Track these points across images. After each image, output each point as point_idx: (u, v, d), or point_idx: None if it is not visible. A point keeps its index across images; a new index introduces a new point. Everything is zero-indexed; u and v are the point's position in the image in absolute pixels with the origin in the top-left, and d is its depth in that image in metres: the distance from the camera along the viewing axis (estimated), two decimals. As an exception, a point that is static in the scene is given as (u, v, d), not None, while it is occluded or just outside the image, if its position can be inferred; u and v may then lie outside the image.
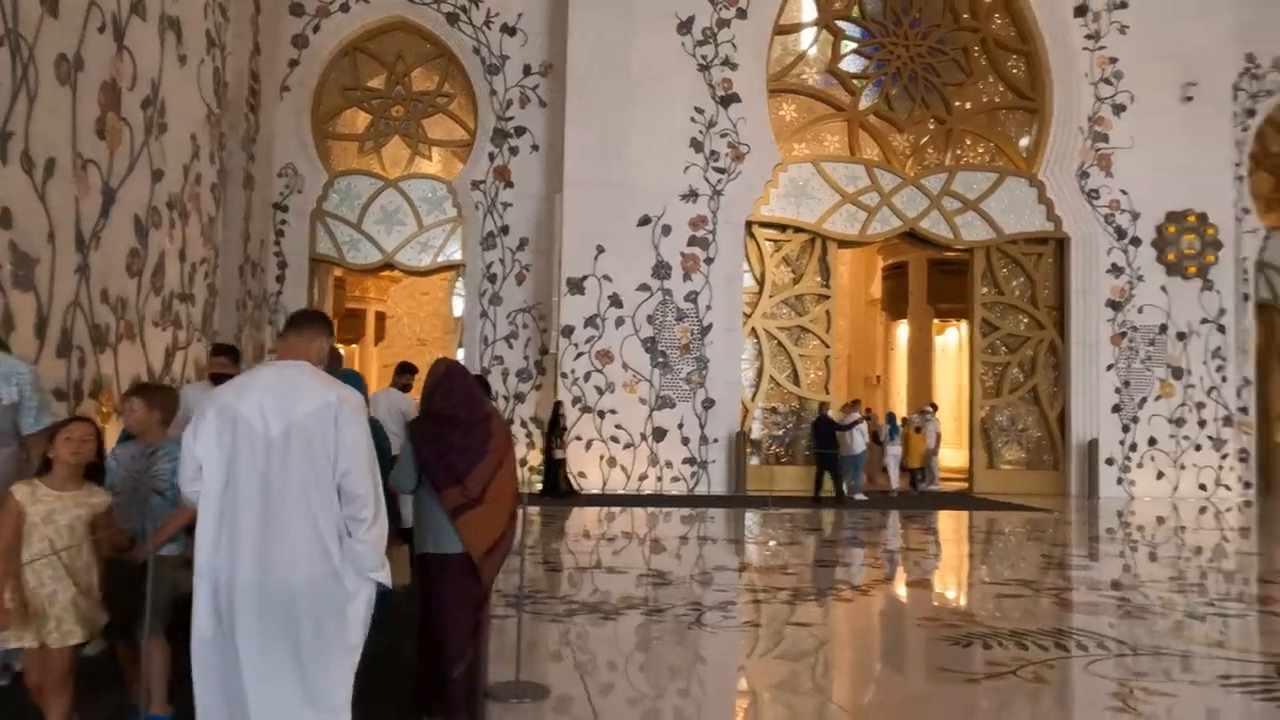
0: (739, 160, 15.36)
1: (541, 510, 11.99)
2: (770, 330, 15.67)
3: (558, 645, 5.24)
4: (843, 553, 9.31)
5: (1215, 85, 16.37)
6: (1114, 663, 4.86)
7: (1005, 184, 16.11)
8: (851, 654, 5.58)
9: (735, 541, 10.28)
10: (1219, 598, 6.94)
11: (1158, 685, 4.49)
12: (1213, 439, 16.03)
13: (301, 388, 2.71)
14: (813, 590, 6.95)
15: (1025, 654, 4.99)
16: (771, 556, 8.87)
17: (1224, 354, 16.13)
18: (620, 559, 8.55)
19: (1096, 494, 15.45)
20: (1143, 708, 4.12)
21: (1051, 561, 8.79)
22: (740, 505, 13.32)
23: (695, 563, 8.49)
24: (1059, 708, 4.22)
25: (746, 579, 7.45)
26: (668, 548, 9.44)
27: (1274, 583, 7.55)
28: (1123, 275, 16.03)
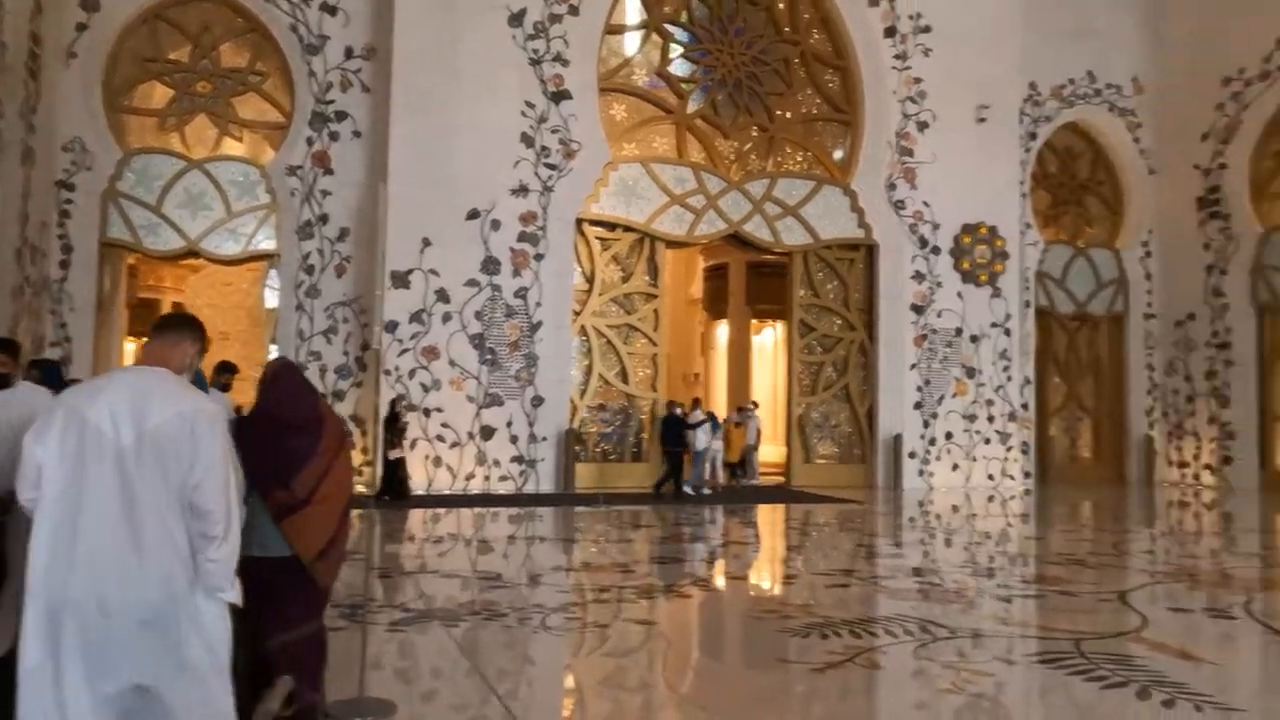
0: (570, 157, 15.31)
1: (370, 513, 11.48)
2: (600, 328, 15.72)
3: (401, 657, 5.01)
4: (677, 549, 9.46)
5: (1004, 109, 17.87)
6: (939, 646, 5.17)
7: (821, 192, 16.92)
8: (698, 651, 5.66)
9: (571, 540, 10.22)
10: (1020, 581, 7.56)
11: (980, 666, 4.80)
12: (999, 433, 17.52)
13: (157, 395, 2.55)
14: (653, 587, 7.00)
15: (860, 642, 5.23)
16: (609, 554, 8.88)
17: (1009, 355, 17.65)
18: (455, 562, 8.32)
19: (900, 485, 16.52)
20: (969, 688, 4.40)
21: (869, 551, 9.30)
22: (570, 503, 13.29)
23: (533, 564, 8.37)
24: (896, 693, 4.43)
25: (585, 578, 7.41)
26: (504, 549, 9.27)
27: (1058, 564, 8.29)
28: (924, 281, 17.21)
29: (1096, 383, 20.05)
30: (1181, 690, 4.31)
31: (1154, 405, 19.69)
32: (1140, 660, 4.86)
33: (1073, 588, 7.13)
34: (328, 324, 14.94)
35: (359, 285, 15.03)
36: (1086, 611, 6.34)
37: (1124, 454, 19.77)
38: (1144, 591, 7.00)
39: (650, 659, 5.15)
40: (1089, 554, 9.00)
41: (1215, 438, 18.55)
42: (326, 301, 14.94)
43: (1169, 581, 7.46)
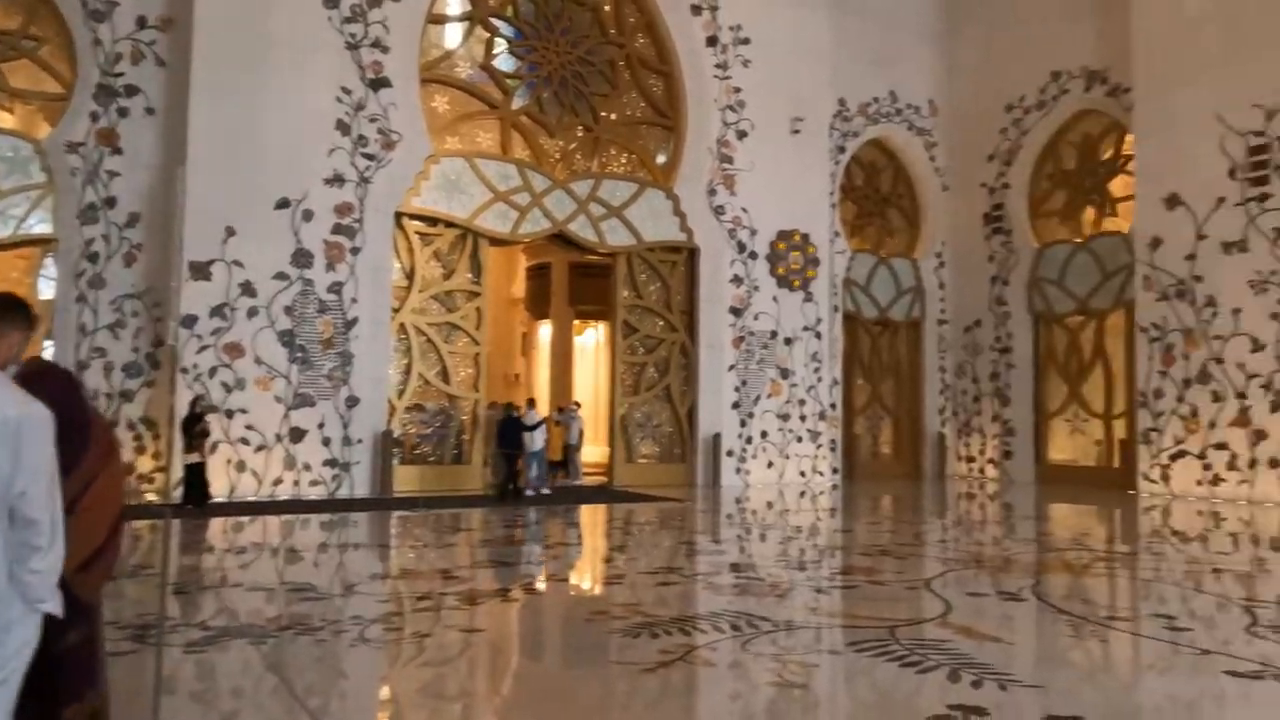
0: (389, 148, 14.73)
1: (165, 523, 10.53)
2: (420, 326, 15.21)
3: (200, 679, 4.56)
4: (501, 552, 9.24)
5: (816, 123, 18.75)
6: (765, 640, 5.27)
7: (645, 194, 17.12)
8: (526, 656, 5.51)
9: (389, 547, 9.79)
10: (834, 572, 7.87)
11: (804, 657, 4.93)
12: (811, 432, 18.34)
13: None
14: (477, 593, 6.78)
15: (688, 639, 5.25)
16: (429, 560, 8.55)
17: (820, 357, 18.52)
18: (262, 574, 7.75)
19: (719, 483, 16.97)
20: (798, 680, 4.49)
21: (692, 548, 9.43)
22: (388, 508, 12.76)
23: (348, 573, 7.92)
24: (726, 689, 4.46)
25: (405, 586, 7.09)
26: (316, 559, 8.74)
27: (868, 555, 8.72)
28: (742, 285, 17.77)
29: (896, 384, 21.39)
30: (987, 670, 4.58)
31: (946, 404, 21.22)
32: (948, 644, 5.13)
33: (882, 577, 7.50)
34: (114, 317, 13.66)
35: (151, 276, 13.82)
36: (897, 599, 6.67)
37: (920, 450, 21.19)
38: (944, 579, 7.45)
39: (474, 667, 4.96)
40: (894, 544, 9.52)
41: (997, 434, 20.21)
42: (113, 293, 13.65)
43: (965, 568, 7.98)
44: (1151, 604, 6.70)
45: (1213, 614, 6.24)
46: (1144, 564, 8.61)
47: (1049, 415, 19.61)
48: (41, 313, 15.24)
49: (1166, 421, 16.34)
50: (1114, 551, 9.49)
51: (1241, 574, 8.02)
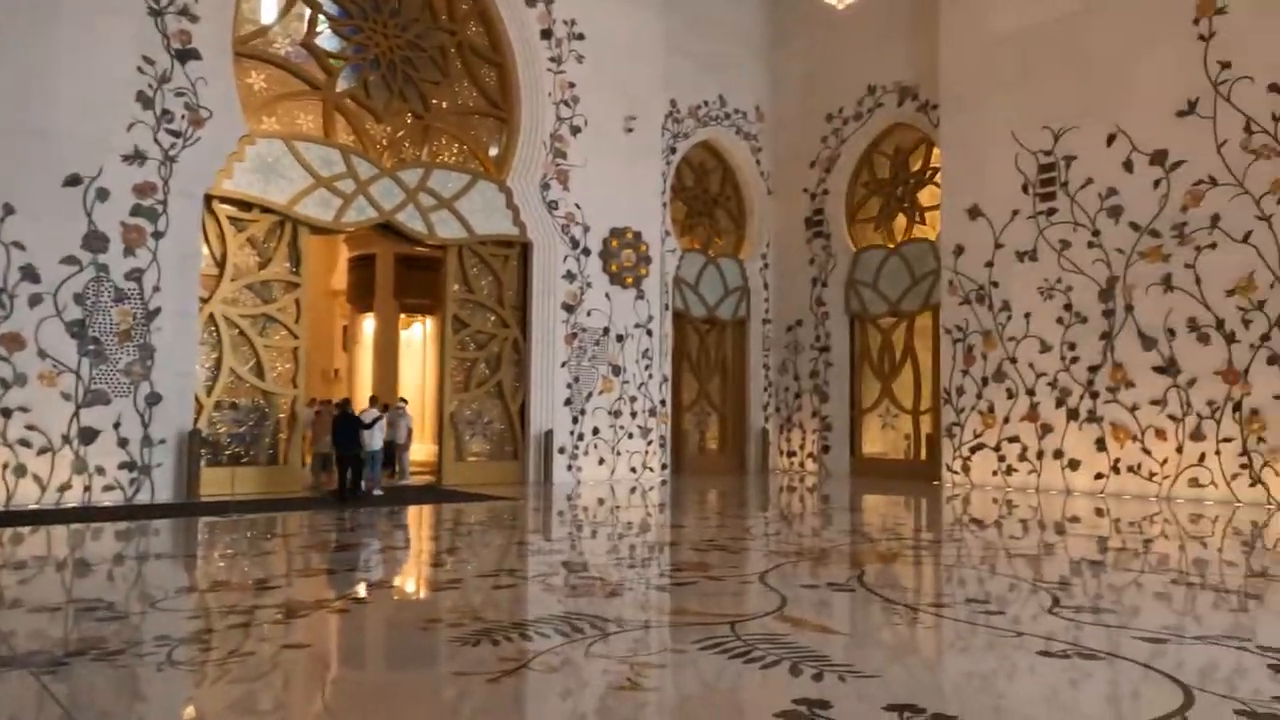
0: (198, 125, 13.67)
1: (-84, 538, 9.28)
2: (232, 318, 14.20)
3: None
4: (325, 559, 8.72)
5: (649, 122, 18.95)
6: (609, 642, 5.19)
7: (477, 186, 16.73)
8: (360, 670, 5.17)
9: (198, 557, 9.04)
10: (673, 569, 7.91)
11: (650, 658, 4.88)
12: (641, 428, 18.52)
13: None
14: (301, 604, 6.33)
15: (531, 645, 5.09)
16: (245, 570, 7.95)
17: (651, 354, 18.73)
18: (46, 591, 6.94)
19: (551, 480, 16.83)
20: (646, 683, 4.43)
21: (529, 549, 9.26)
22: (195, 514, 11.81)
23: (151, 588, 7.24)
24: (578, 695, 4.34)
25: (217, 600, 6.53)
26: (112, 572, 7.93)
27: (704, 550, 8.84)
28: (575, 281, 17.70)
29: (723, 381, 21.97)
30: (826, 663, 4.69)
31: (769, 401, 21.98)
32: (787, 638, 5.23)
33: (717, 572, 7.60)
34: None
35: (-90, 256, 12.20)
36: (733, 595, 6.77)
37: (744, 445, 21.86)
38: (777, 572, 7.64)
39: (297, 684, 4.60)
40: (726, 539, 9.70)
41: (816, 429, 21.13)
42: None
43: (794, 561, 8.22)
44: (969, 589, 7.11)
45: (1022, 597, 6.69)
46: (949, 551, 9.16)
47: (863, 411, 20.69)
48: None
49: (967, 417, 17.58)
50: (925, 540, 10.06)
51: (1034, 557, 8.68)
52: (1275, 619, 6.05)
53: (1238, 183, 14.07)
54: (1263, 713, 3.95)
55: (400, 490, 15.46)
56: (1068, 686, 4.45)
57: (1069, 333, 16.13)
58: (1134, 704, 4.24)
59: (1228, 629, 5.64)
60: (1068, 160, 16.25)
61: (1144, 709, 4.11)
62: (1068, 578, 7.46)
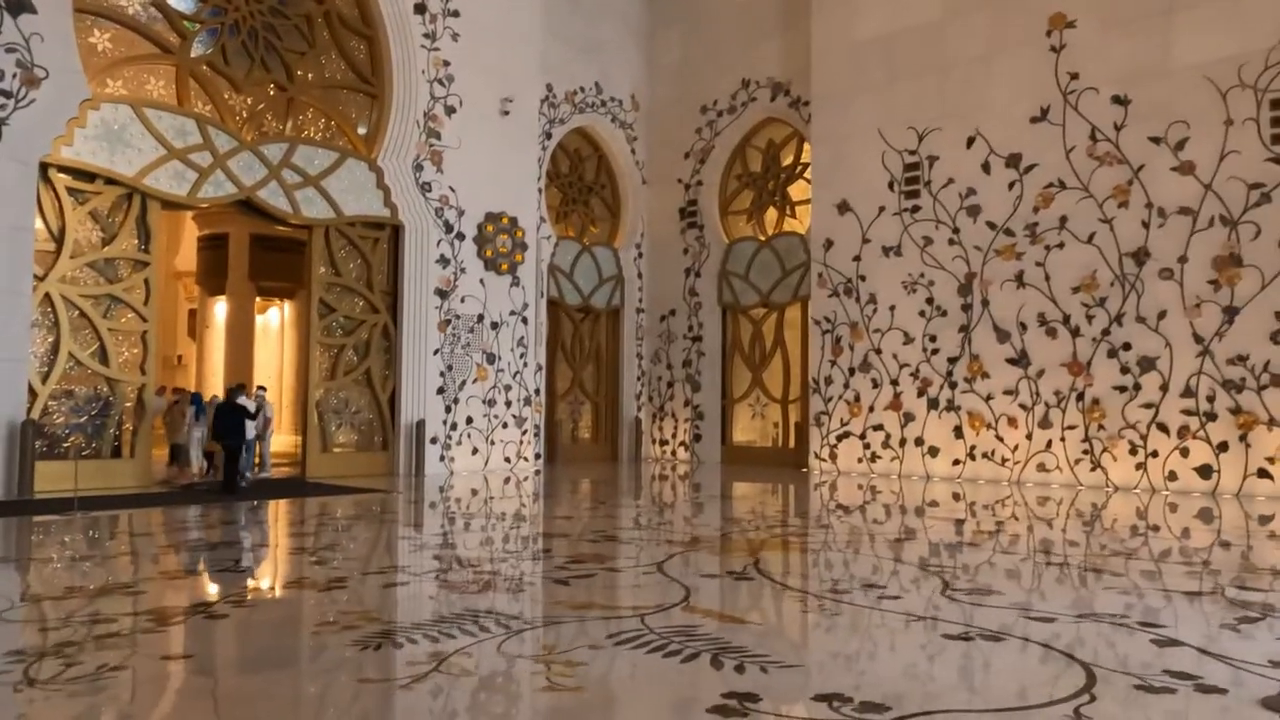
0: (32, 85, 12.43)
1: None
2: (71, 298, 13.02)
3: None
4: (190, 559, 8.09)
5: (525, 105, 18.58)
6: (520, 640, 4.99)
7: (346, 165, 15.96)
8: (255, 682, 4.76)
9: (42, 561, 8.21)
10: (569, 561, 7.74)
11: (568, 655, 4.72)
12: (516, 417, 18.20)
13: None
14: (173, 610, 5.82)
15: (438, 645, 4.84)
16: (101, 575, 7.26)
17: (526, 342, 18.42)
18: None
19: (423, 471, 16.31)
20: (566, 681, 4.27)
21: (412, 543, 8.89)
22: (29, 512, 10.75)
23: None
24: (499, 699, 4.13)
25: (77, 607, 5.93)
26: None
27: (595, 542, 8.72)
28: (449, 266, 17.18)
29: (597, 369, 21.89)
30: (745, 654, 4.65)
31: (642, 390, 22.05)
32: (700, 629, 5.18)
33: (615, 563, 7.50)
34: None
35: None
36: (637, 586, 6.68)
37: (618, 434, 21.87)
38: (672, 561, 7.61)
39: (190, 701, 4.20)
40: (616, 529, 9.61)
41: (689, 418, 21.35)
42: None
43: (687, 550, 8.22)
44: (862, 574, 7.27)
45: (912, 581, 6.89)
46: (835, 537, 9.38)
47: (734, 400, 21.05)
48: None
49: (834, 405, 18.14)
50: (811, 526, 10.28)
51: (914, 541, 9.00)
52: (1118, 595, 6.46)
53: (1083, 187, 15.04)
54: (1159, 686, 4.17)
55: (263, 484, 14.61)
56: (981, 669, 4.58)
57: (930, 325, 16.88)
58: (1050, 684, 4.40)
59: (1108, 606, 5.98)
60: (931, 160, 16.97)
61: (1059, 688, 4.27)
62: (948, 561, 7.75)
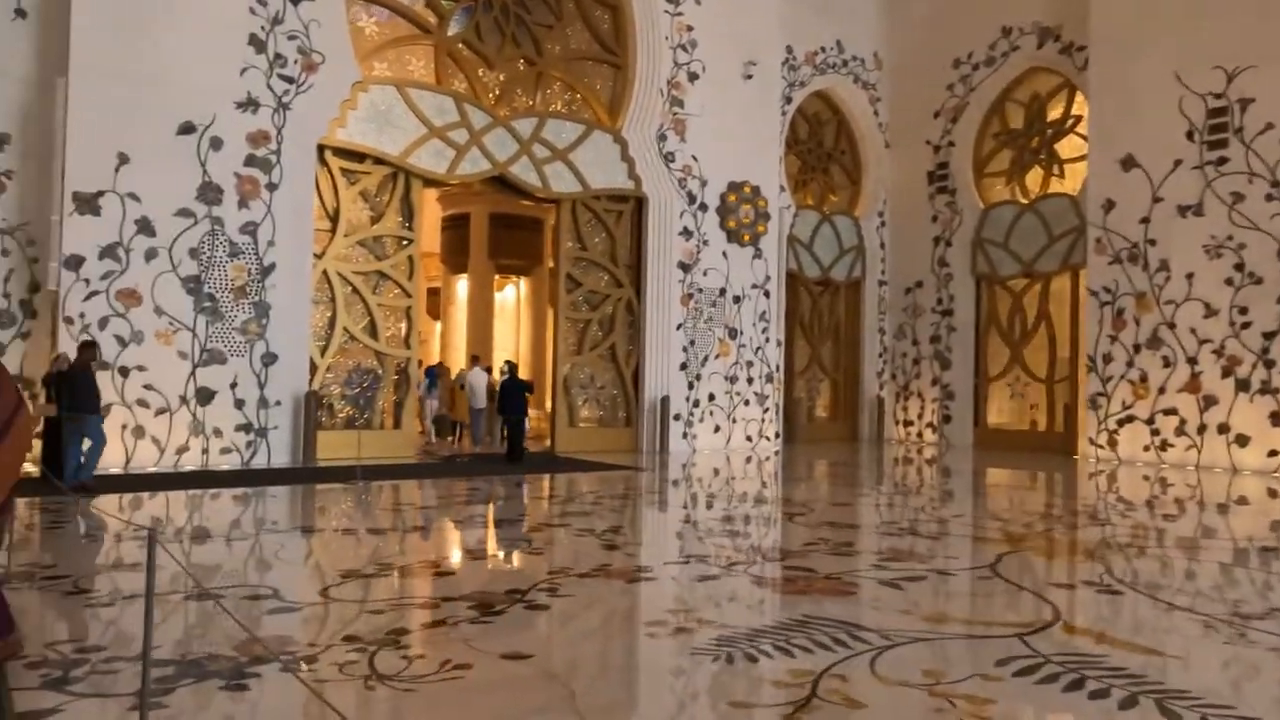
0: (311, 70, 12.94)
1: (43, 503, 8.80)
2: (345, 275, 13.56)
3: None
4: (484, 535, 7.98)
5: (767, 68, 17.71)
6: (889, 660, 4.27)
7: (592, 137, 15.76)
8: (612, 693, 4.33)
9: (378, 531, 8.36)
10: (886, 560, 6.95)
11: (963, 687, 3.94)
12: (757, 394, 17.53)
13: None
14: (493, 598, 5.54)
15: (795, 661, 4.20)
16: (421, 547, 7.23)
17: (768, 317, 17.68)
18: (224, 576, 6.29)
19: (667, 449, 15.97)
20: (982, 711, 3.50)
21: (696, 528, 8.40)
22: (317, 479, 11.20)
23: (329, 569, 6.55)
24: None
25: (387, 590, 5.78)
26: (293, 549, 7.27)
27: (895, 536, 7.86)
28: (692, 238, 16.69)
29: (836, 345, 20.84)
30: (1194, 700, 3.70)
31: (884, 367, 20.79)
32: (1105, 659, 4.26)
33: (936, 564, 6.64)
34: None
35: (26, 209, 11.76)
36: (981, 595, 5.81)
37: (857, 413, 20.75)
38: (1002, 563, 6.64)
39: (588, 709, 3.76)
40: (910, 521, 8.72)
41: (937, 398, 19.89)
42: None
43: (1011, 549, 7.21)
44: (1246, 594, 6.03)
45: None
46: (1182, 538, 8.04)
47: (990, 379, 19.37)
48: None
49: (1115, 386, 16.20)
50: (1151, 525, 8.93)
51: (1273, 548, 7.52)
52: None
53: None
54: None
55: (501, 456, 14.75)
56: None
57: (1240, 295, 14.62)
58: None
59: None
60: (1243, 104, 14.63)
61: None
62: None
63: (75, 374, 9.97)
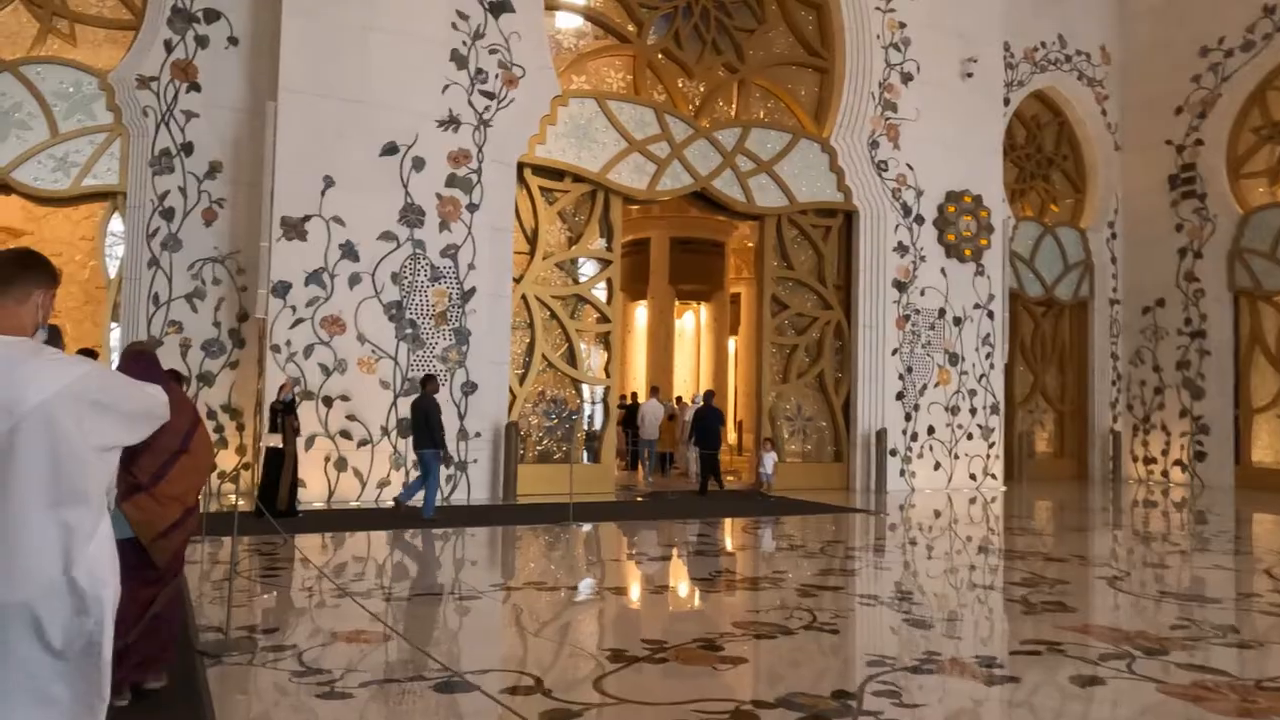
0: (512, 85, 12.33)
1: (251, 539, 8.23)
2: (543, 299, 12.83)
3: None
4: (784, 594, 6.79)
5: (987, 66, 16.00)
6: None
7: (798, 147, 14.54)
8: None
9: (664, 592, 7.36)
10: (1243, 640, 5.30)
11: None
12: (981, 427, 15.67)
13: (28, 368, 2.00)
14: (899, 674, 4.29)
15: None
16: (691, 623, 6.09)
17: (992, 341, 15.83)
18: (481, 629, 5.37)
19: (884, 488, 14.36)
20: None
21: (989, 585, 6.92)
22: (525, 519, 10.35)
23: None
24: None
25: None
26: (566, 618, 6.33)
27: (1223, 604, 6.13)
28: (907, 254, 15.12)
29: (1060, 372, 18.64)
30: None
31: (1119, 397, 18.41)
32: None
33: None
34: (192, 285, 11.45)
35: (236, 237, 11.61)
36: None
37: (1086, 448, 18.44)
38: None
39: None
40: (1238, 588, 6.92)
41: (1187, 431, 17.36)
42: (191, 256, 11.44)
43: None
44: None
45: None
46: None
47: (1255, 410, 16.72)
48: (109, 282, 13.13)
49: None
50: None
51: None
52: None
53: None
54: None
55: (723, 494, 13.58)
56: None
57: None
58: None
59: None
60: None
61: None
62: None
63: (425, 405, 10.14)
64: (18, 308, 2.11)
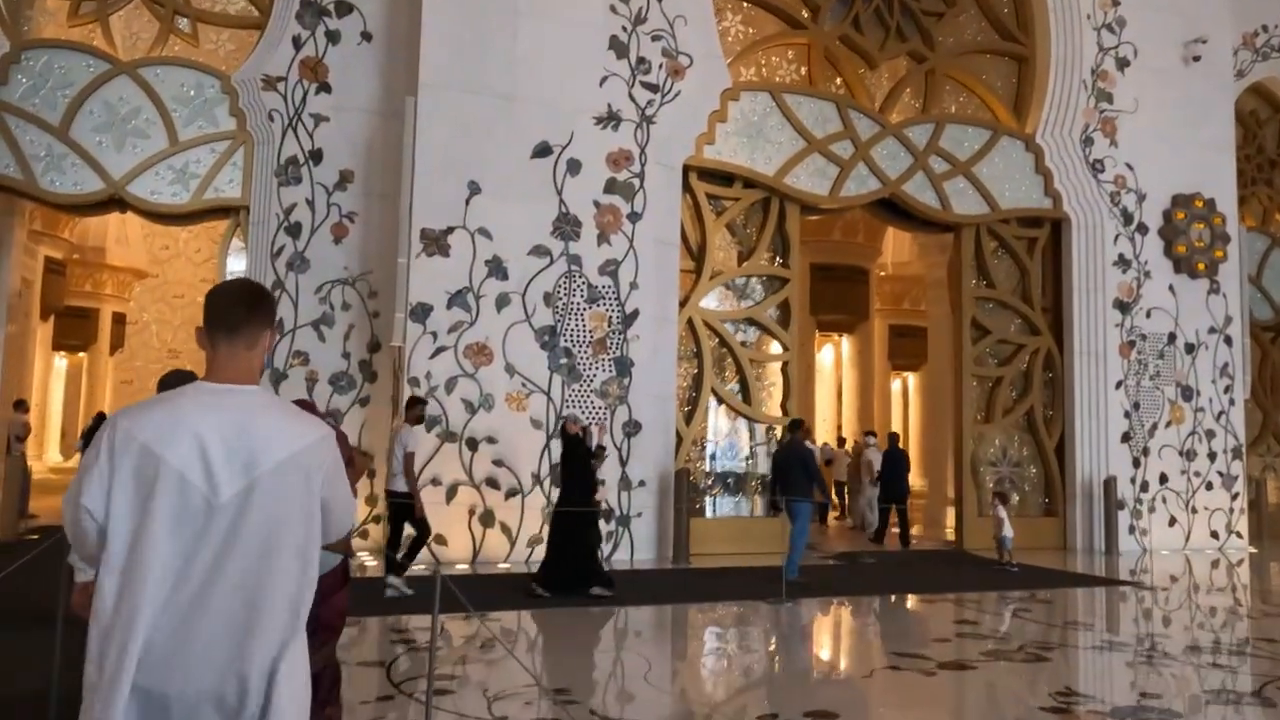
0: (677, 75, 10.64)
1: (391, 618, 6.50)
2: (713, 324, 10.99)
3: None
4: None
5: (1214, 48, 13.61)
6: None
7: (999, 145, 12.44)
8: None
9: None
10: None
11: None
12: (1222, 475, 13.06)
13: (265, 423, 1.80)
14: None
15: None
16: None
17: (1231, 371, 13.26)
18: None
19: (1115, 549, 11.90)
20: None
21: None
22: (692, 596, 8.42)
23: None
24: None
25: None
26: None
27: None
28: (1130, 270, 12.77)
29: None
30: None
31: (1370, 438, 15.46)
32: None
33: None
34: (320, 311, 10.01)
35: (369, 256, 10.14)
36: None
37: (1330, 501, 15.51)
38: None
39: None
40: None
41: None
42: (320, 278, 10.02)
43: None
44: None
45: None
46: None
47: None
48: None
49: None
50: None
51: None
52: None
53: None
54: None
55: (912, 555, 11.40)
56: None
57: None
58: None
59: None
60: None
61: None
62: None
63: (803, 454, 9.08)
64: (248, 352, 1.90)
